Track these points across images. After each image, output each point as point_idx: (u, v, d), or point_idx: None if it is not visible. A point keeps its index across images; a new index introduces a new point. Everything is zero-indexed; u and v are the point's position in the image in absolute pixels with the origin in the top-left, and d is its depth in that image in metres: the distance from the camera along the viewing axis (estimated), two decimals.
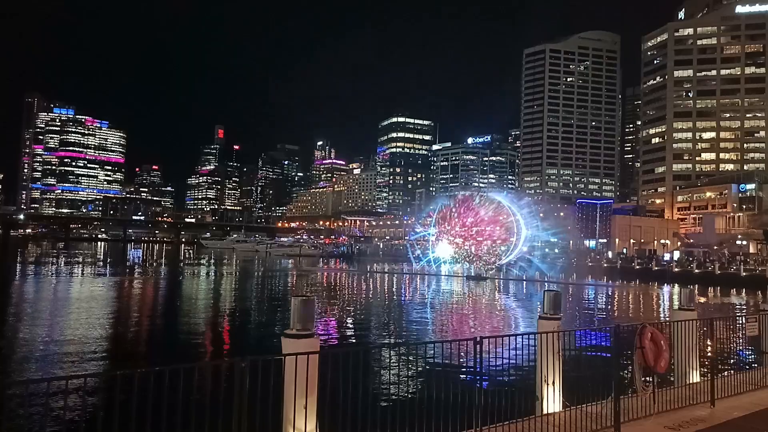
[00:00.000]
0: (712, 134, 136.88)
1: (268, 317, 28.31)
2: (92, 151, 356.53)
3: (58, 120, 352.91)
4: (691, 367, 8.91)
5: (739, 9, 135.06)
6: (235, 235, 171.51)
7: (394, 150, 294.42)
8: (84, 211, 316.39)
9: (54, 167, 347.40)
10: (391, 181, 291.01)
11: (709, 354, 8.96)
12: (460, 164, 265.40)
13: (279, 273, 64.11)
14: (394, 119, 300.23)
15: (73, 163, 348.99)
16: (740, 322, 11.03)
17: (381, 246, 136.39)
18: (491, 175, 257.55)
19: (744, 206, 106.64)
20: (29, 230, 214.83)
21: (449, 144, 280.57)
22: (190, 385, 4.38)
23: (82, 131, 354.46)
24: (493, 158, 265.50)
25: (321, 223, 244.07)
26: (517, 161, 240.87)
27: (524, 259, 59.66)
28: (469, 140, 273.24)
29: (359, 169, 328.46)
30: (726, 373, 10.20)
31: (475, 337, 5.84)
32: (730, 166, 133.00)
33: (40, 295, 33.96)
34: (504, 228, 58.73)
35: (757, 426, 7.28)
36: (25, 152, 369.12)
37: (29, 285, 40.68)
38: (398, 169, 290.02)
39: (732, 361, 15.97)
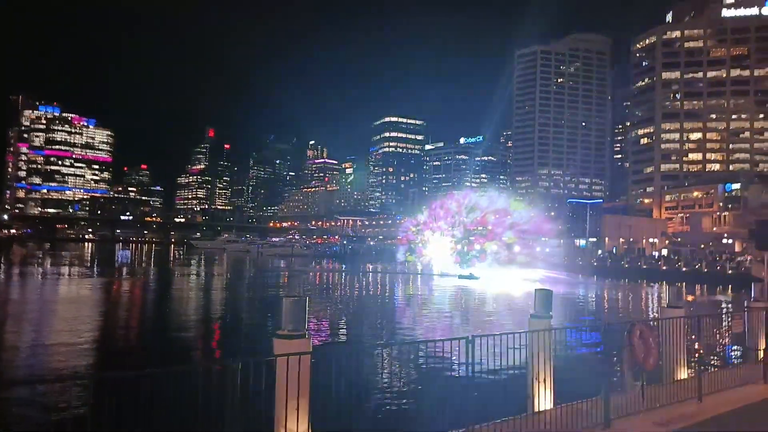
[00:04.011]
0: (699, 135, 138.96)
1: (260, 318, 28.17)
2: (79, 149, 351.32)
3: (43, 118, 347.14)
4: (679, 364, 9.03)
5: (726, 13, 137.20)
6: (225, 236, 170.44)
7: (386, 150, 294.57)
8: (71, 211, 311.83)
9: (39, 166, 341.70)
10: (383, 181, 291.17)
11: (697, 351, 9.10)
12: (453, 164, 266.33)
13: (271, 273, 63.79)
14: (387, 119, 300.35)
15: (60, 162, 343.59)
16: (726, 319, 11.21)
17: (373, 245, 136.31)
18: (483, 175, 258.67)
19: (730, 206, 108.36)
20: (14, 231, 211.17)
21: (441, 144, 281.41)
22: (181, 388, 4.35)
23: (69, 130, 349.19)
24: (485, 158, 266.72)
25: (313, 223, 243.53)
26: (509, 161, 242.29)
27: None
28: (462, 140, 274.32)
29: (352, 169, 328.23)
30: (713, 369, 10.36)
31: (468, 335, 5.87)
32: (716, 167, 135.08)
33: (26, 298, 33.43)
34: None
35: (744, 420, 7.41)
36: (9, 151, 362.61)
37: (14, 288, 40.01)
38: (391, 169, 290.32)
39: (719, 357, 16.23)
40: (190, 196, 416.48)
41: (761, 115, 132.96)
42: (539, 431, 6.14)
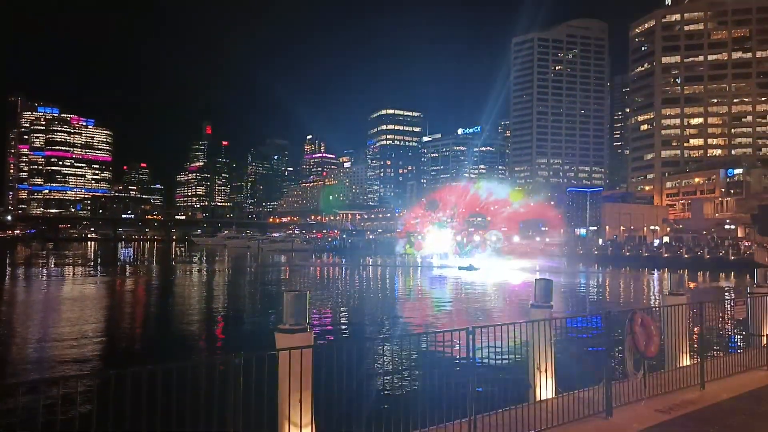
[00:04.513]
0: (700, 120, 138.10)
1: (262, 312, 28.27)
2: (79, 149, 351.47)
3: (42, 119, 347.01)
4: (681, 351, 9.04)
5: None
6: (226, 232, 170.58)
7: (384, 142, 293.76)
8: (72, 210, 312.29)
9: (40, 167, 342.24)
10: (381, 174, 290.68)
11: (698, 338, 9.10)
12: (451, 155, 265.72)
13: (272, 268, 63.95)
14: (384, 112, 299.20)
15: (60, 163, 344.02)
16: (729, 305, 11.21)
17: (373, 238, 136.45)
18: (482, 166, 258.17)
19: (732, 191, 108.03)
20: (17, 231, 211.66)
21: (439, 135, 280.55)
22: (184, 382, 4.36)
23: (68, 130, 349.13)
24: (483, 149, 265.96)
25: (312, 217, 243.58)
26: (507, 151, 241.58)
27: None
28: (459, 131, 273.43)
29: (349, 163, 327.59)
30: (715, 355, 10.38)
31: (468, 326, 5.86)
32: (717, 152, 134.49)
33: (32, 297, 33.57)
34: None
35: (746, 407, 7.42)
36: (10, 152, 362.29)
37: (21, 287, 40.16)
38: (389, 162, 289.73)
39: (721, 343, 16.25)
40: (189, 194, 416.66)
41: (763, 99, 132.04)
42: (541, 420, 6.15)
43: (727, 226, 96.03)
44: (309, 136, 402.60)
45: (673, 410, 7.07)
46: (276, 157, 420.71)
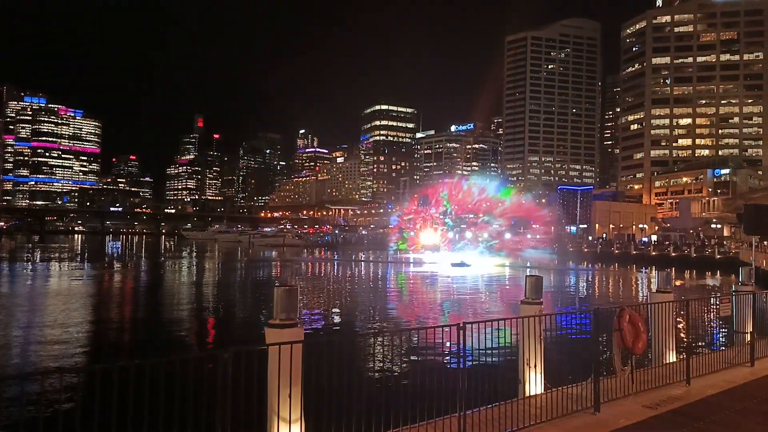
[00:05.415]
0: (689, 120, 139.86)
1: (253, 308, 28.14)
2: (66, 141, 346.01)
3: (29, 109, 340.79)
4: (667, 348, 9.16)
5: None
6: (216, 226, 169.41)
7: (377, 138, 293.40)
8: (59, 203, 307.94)
9: (27, 158, 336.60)
10: (374, 170, 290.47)
11: (685, 334, 9.23)
12: (444, 152, 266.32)
13: (263, 263, 63.67)
14: (377, 107, 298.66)
15: (47, 154, 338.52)
16: (714, 303, 11.37)
17: (365, 234, 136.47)
18: (474, 163, 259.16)
19: (719, 191, 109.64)
20: (2, 224, 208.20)
21: (432, 132, 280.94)
22: (172, 377, 4.30)
23: (56, 121, 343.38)
24: (476, 146, 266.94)
25: (305, 212, 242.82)
26: (500, 148, 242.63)
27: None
28: (452, 128, 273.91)
29: (343, 158, 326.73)
30: (701, 352, 10.53)
31: (459, 322, 5.87)
32: (705, 152, 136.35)
33: (17, 291, 33.06)
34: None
35: (730, 402, 7.54)
36: None
37: (3, 280, 39.53)
38: (382, 158, 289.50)
39: (707, 340, 16.52)
40: (180, 187, 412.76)
41: (750, 100, 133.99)
42: (530, 416, 6.19)
43: (713, 225, 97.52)
44: (302, 131, 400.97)
45: (660, 406, 7.16)
46: (268, 151, 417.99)
